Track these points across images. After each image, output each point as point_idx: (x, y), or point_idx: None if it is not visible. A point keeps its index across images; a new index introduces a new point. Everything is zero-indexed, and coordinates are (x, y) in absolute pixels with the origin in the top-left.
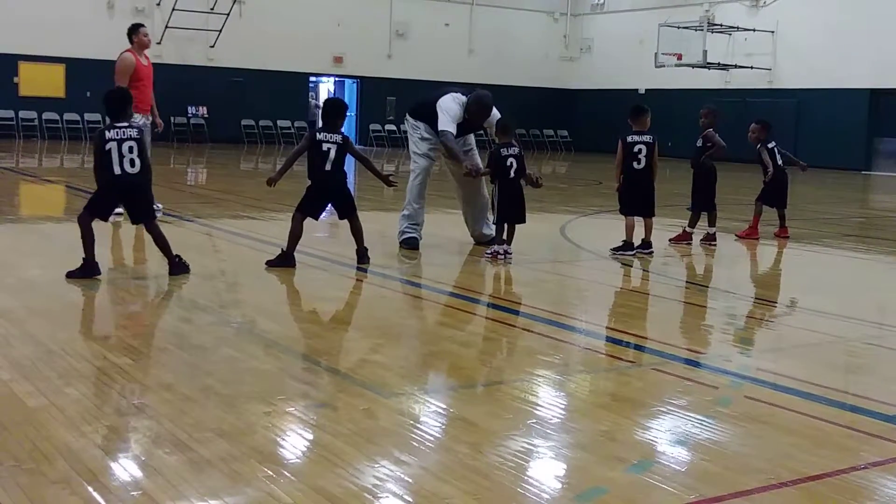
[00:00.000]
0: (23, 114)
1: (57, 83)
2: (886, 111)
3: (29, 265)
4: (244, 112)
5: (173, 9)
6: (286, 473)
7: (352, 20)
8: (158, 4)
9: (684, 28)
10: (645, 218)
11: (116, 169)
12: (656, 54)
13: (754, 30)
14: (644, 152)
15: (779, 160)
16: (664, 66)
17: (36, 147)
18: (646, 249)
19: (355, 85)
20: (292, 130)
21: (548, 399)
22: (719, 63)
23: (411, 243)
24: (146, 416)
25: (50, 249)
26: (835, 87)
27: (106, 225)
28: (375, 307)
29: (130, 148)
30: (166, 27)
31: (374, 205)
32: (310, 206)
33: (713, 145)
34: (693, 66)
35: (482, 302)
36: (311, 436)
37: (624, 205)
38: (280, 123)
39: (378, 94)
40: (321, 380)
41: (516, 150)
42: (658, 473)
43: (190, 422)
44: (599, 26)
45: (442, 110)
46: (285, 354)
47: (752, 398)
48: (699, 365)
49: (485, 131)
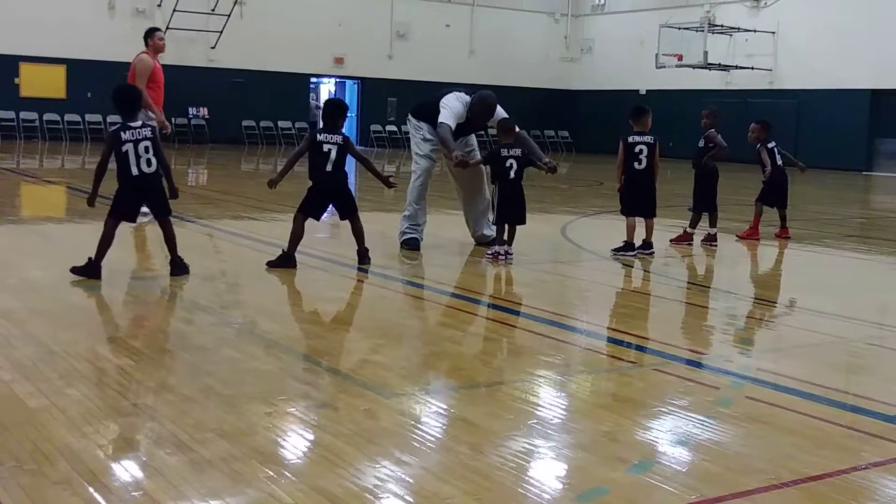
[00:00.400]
0: (24, 115)
1: (58, 84)
2: (887, 112)
3: (30, 266)
4: (245, 113)
5: (174, 10)
6: (287, 474)
7: (352, 21)
8: (159, 5)
9: (685, 29)
10: (646, 218)
11: (134, 170)
12: (657, 55)
13: (755, 30)
14: (645, 153)
15: (778, 160)
16: (665, 67)
17: (37, 148)
18: (647, 250)
19: (356, 86)
20: (293, 131)
21: (549, 399)
22: (720, 64)
23: (412, 244)
24: (147, 417)
25: (51, 250)
26: (835, 88)
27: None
28: (376, 308)
29: (146, 148)
30: (167, 28)
31: (375, 205)
32: (311, 207)
33: (715, 146)
34: (694, 67)
35: (483, 302)
36: (312, 436)
37: (625, 205)
38: (281, 124)
39: (379, 95)
40: (322, 380)
41: (518, 152)
42: (659, 474)
43: (191, 422)
44: (600, 27)
45: (444, 106)
46: (286, 355)
47: (753, 398)
48: (700, 365)
49: (486, 132)
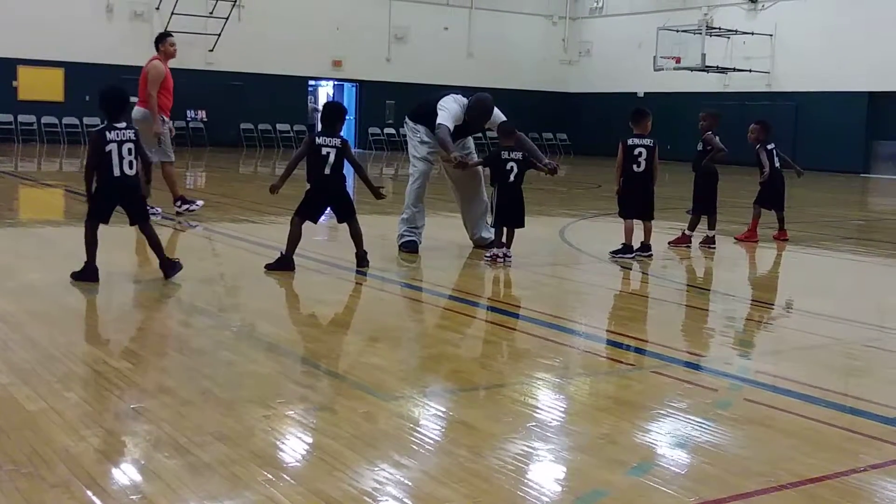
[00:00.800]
0: (21, 118)
1: (56, 87)
2: (885, 114)
3: (28, 269)
4: (243, 116)
5: (172, 13)
6: (285, 477)
7: (351, 24)
8: (157, 8)
9: (683, 31)
10: (644, 221)
11: (116, 171)
12: (655, 58)
13: (753, 33)
14: (644, 155)
15: (776, 162)
16: (663, 70)
17: (35, 151)
18: (645, 252)
19: (354, 89)
20: (291, 134)
21: (547, 402)
22: (718, 66)
23: (410, 247)
24: (145, 420)
25: (49, 253)
26: (833, 90)
27: (105, 228)
28: (375, 310)
29: (129, 150)
30: (165, 31)
31: (374, 208)
32: (309, 210)
33: (713, 148)
34: (692, 70)
35: (482, 305)
36: (311, 439)
37: (623, 208)
38: (279, 127)
39: (377, 98)
40: (320, 383)
41: (519, 156)
42: (658, 476)
43: (189, 425)
44: (598, 30)
45: (442, 108)
46: (284, 358)
47: (752, 401)
48: (699, 368)
49: (484, 134)
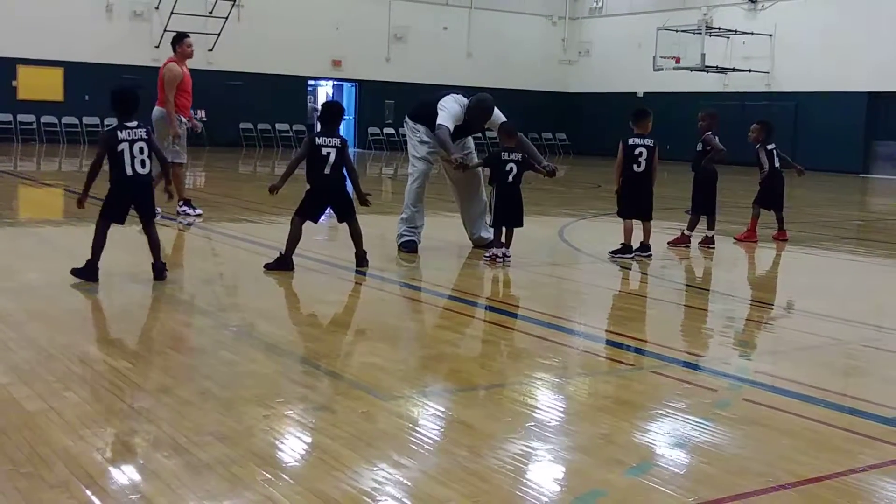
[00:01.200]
0: (21, 117)
1: (55, 87)
2: (884, 114)
3: (27, 268)
4: (243, 115)
5: (171, 12)
6: (285, 477)
7: (350, 24)
8: (157, 8)
9: (682, 31)
10: (643, 221)
11: (128, 170)
12: (655, 58)
13: (752, 33)
14: (645, 155)
15: (776, 163)
16: (662, 70)
17: (34, 150)
18: (644, 252)
19: (354, 88)
20: (291, 134)
21: (546, 402)
22: (717, 66)
23: (410, 247)
24: (145, 420)
25: (48, 253)
26: (833, 91)
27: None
28: (374, 310)
29: (141, 149)
30: (164, 31)
31: (373, 208)
32: (309, 210)
33: (713, 149)
34: (691, 70)
35: (481, 305)
36: (310, 439)
37: (622, 207)
38: (278, 127)
39: (377, 98)
40: (320, 383)
41: (518, 156)
42: (657, 476)
43: (189, 425)
44: (598, 30)
45: (442, 108)
46: (284, 357)
47: (751, 401)
48: (698, 368)
49: (484, 134)
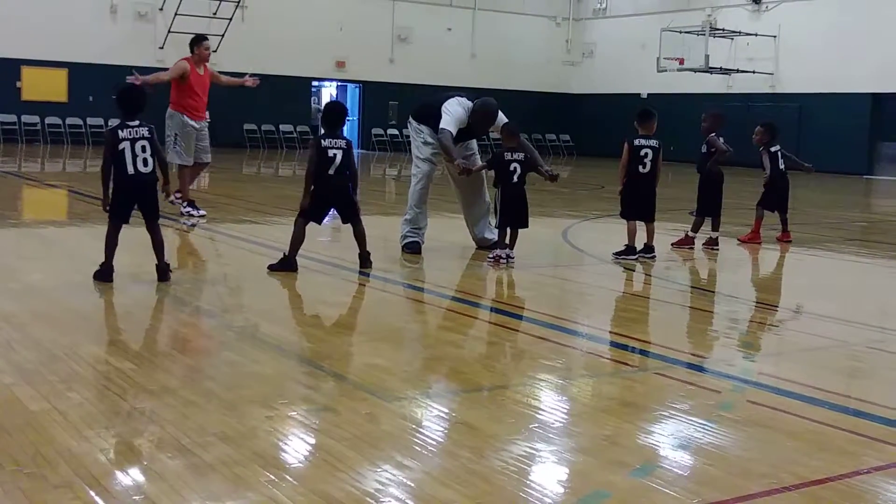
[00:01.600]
0: (25, 118)
1: (59, 88)
2: (888, 115)
3: (31, 269)
4: (247, 116)
5: (176, 13)
6: (288, 478)
7: (354, 25)
8: (161, 9)
9: (686, 32)
10: (647, 223)
11: (130, 168)
12: (658, 59)
13: (756, 34)
14: (650, 156)
15: (781, 164)
16: (666, 71)
17: (38, 151)
18: (648, 254)
19: (357, 89)
20: (295, 135)
21: (550, 403)
22: (721, 67)
23: (413, 248)
24: (148, 421)
25: (52, 254)
26: (837, 92)
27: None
28: (377, 311)
29: (143, 147)
30: (169, 32)
31: (377, 209)
32: (312, 211)
33: (716, 150)
34: (695, 71)
35: (484, 306)
36: (314, 440)
37: (626, 209)
38: (282, 128)
39: (380, 99)
40: (323, 384)
41: (522, 156)
42: (660, 478)
43: (192, 426)
44: (602, 31)
45: (446, 112)
46: (287, 358)
47: (755, 402)
48: (702, 369)
49: (487, 135)
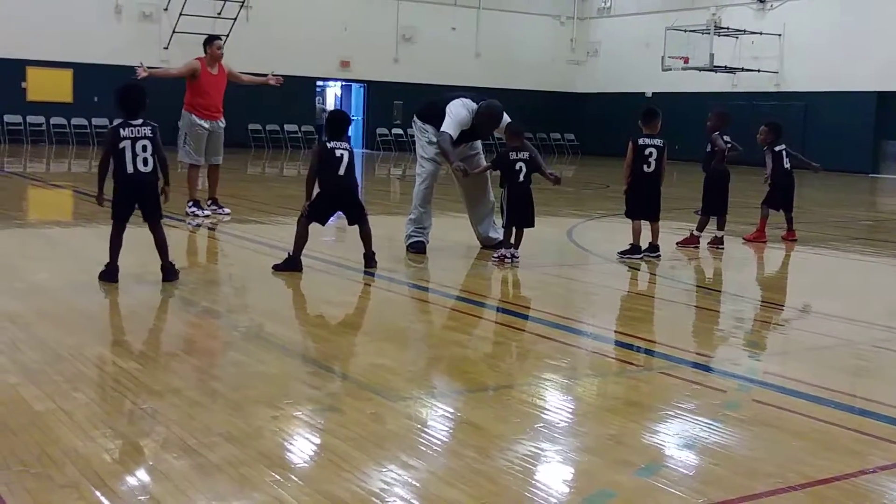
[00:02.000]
0: (30, 119)
1: (64, 88)
2: (894, 113)
3: (37, 269)
4: (251, 116)
5: (180, 14)
6: (293, 478)
7: (358, 24)
8: (166, 9)
9: (691, 31)
10: (652, 222)
11: (129, 167)
12: (663, 57)
13: (761, 33)
14: (655, 156)
15: (786, 164)
16: (671, 70)
17: (43, 152)
18: (653, 253)
19: (362, 89)
20: (299, 135)
21: (555, 403)
22: (726, 66)
23: (418, 247)
24: (154, 421)
25: (57, 254)
26: (842, 90)
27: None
28: (382, 311)
29: (144, 147)
30: (173, 32)
31: (381, 209)
32: (317, 212)
33: (718, 149)
34: (700, 70)
35: (489, 306)
36: (319, 440)
37: (631, 208)
38: (287, 128)
39: (385, 99)
40: (328, 384)
41: (526, 155)
42: (666, 477)
43: (198, 426)
44: (606, 30)
45: (449, 114)
46: (292, 358)
47: (761, 402)
48: (707, 369)
49: (492, 136)
